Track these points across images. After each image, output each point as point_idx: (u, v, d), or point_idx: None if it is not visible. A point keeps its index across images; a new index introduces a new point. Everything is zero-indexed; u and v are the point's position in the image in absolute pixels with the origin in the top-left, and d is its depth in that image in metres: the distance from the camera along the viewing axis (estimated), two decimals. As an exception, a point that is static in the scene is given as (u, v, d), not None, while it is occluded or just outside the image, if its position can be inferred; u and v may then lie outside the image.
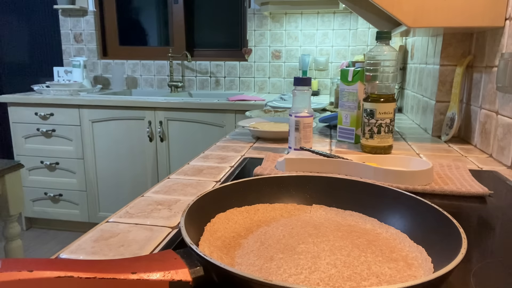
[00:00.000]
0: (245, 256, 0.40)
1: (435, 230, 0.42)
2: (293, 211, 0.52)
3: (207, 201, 0.46)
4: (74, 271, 0.29)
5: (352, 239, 0.44)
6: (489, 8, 0.88)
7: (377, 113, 0.86)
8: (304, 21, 2.47)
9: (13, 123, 2.27)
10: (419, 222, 0.44)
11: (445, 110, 1.12)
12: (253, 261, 0.39)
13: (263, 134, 1.05)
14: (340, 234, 0.45)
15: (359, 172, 0.69)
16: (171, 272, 0.32)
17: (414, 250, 0.41)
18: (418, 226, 0.44)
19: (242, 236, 0.45)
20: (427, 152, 0.93)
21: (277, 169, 0.73)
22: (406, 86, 1.60)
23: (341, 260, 0.39)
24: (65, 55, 2.78)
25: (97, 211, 2.30)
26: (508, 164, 0.81)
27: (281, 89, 2.58)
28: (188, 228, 0.37)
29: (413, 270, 0.38)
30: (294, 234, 0.45)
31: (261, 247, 0.42)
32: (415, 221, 0.45)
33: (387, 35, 0.86)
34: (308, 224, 0.48)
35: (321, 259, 0.39)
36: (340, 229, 0.47)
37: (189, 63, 2.65)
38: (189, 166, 0.80)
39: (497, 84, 0.86)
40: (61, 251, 0.44)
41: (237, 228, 0.47)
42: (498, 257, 0.43)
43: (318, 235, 0.45)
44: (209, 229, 0.44)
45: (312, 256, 0.39)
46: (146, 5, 2.76)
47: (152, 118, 2.11)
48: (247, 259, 0.39)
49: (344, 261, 0.39)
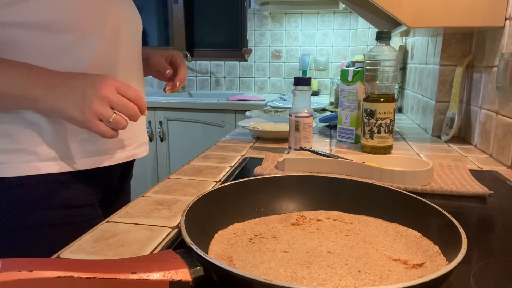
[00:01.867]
0: (246, 256, 0.40)
1: (435, 230, 0.42)
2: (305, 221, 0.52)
3: (207, 201, 0.46)
4: (74, 271, 0.29)
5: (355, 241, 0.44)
6: (489, 8, 0.88)
7: (377, 113, 0.86)
8: (304, 21, 2.47)
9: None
10: (419, 222, 0.44)
11: (445, 110, 1.12)
12: (253, 261, 0.39)
13: (263, 134, 1.05)
14: (347, 238, 0.45)
15: (359, 172, 0.69)
16: (171, 272, 0.32)
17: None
18: (418, 226, 0.44)
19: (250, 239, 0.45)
20: (427, 152, 0.93)
21: (277, 169, 0.73)
22: (406, 86, 1.60)
23: (353, 262, 0.39)
24: (65, 55, 2.78)
25: (97, 211, 2.29)
26: (508, 164, 0.81)
27: (281, 89, 2.58)
28: (188, 228, 0.37)
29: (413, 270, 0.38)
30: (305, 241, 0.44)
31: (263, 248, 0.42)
32: (415, 221, 0.45)
33: (387, 35, 0.86)
34: (318, 231, 0.48)
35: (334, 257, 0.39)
36: (345, 232, 0.47)
37: (189, 63, 2.65)
38: (189, 166, 0.80)
39: (497, 84, 0.86)
40: (61, 251, 0.44)
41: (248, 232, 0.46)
42: (498, 257, 0.43)
43: (323, 239, 0.45)
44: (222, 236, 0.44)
45: (323, 259, 0.39)
46: (146, 5, 2.76)
47: (152, 118, 2.11)
48: (247, 259, 0.39)
49: (354, 263, 0.39)
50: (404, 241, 0.43)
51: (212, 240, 0.43)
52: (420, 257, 0.40)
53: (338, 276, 0.36)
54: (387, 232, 0.46)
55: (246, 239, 0.44)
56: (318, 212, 0.51)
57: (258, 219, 0.49)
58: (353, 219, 0.49)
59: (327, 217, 0.50)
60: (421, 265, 0.38)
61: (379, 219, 0.48)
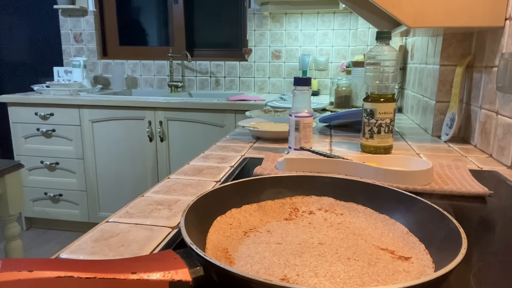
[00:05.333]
0: (246, 257, 0.40)
1: (435, 230, 0.42)
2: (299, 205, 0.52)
3: (207, 201, 0.46)
4: (74, 271, 0.29)
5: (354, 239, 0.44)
6: (489, 8, 0.88)
7: (377, 113, 0.86)
8: (304, 21, 2.47)
9: (13, 123, 2.27)
10: (419, 222, 0.44)
11: (445, 110, 1.12)
12: (248, 252, 0.39)
13: (263, 134, 1.05)
14: (342, 235, 0.45)
15: (359, 172, 0.69)
16: (171, 272, 0.32)
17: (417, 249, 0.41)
18: (418, 226, 0.44)
19: (246, 234, 0.45)
20: (427, 152, 0.93)
21: (277, 169, 0.73)
22: (406, 86, 1.60)
23: (343, 251, 0.39)
24: (65, 55, 2.78)
25: (97, 211, 2.30)
26: (508, 164, 0.81)
27: (281, 89, 2.58)
28: (188, 228, 0.37)
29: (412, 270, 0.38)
30: (299, 234, 0.45)
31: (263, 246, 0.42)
32: (415, 221, 0.45)
33: (387, 35, 0.86)
34: (310, 225, 0.48)
35: (326, 258, 0.39)
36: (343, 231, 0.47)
37: (189, 63, 2.65)
38: (189, 166, 0.80)
39: (497, 84, 0.86)
40: (61, 251, 0.44)
41: (247, 224, 0.47)
42: (498, 257, 0.43)
43: (318, 235, 0.45)
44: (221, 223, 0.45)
45: (318, 254, 0.40)
46: (146, 5, 2.76)
47: (152, 118, 2.11)
48: (243, 250, 0.39)
49: (349, 261, 0.39)
50: (392, 236, 0.45)
51: (211, 227, 0.45)
52: (407, 252, 0.41)
53: (328, 263, 0.38)
54: (376, 225, 0.48)
55: (241, 232, 0.46)
56: (310, 201, 0.53)
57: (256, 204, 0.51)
58: (343, 208, 0.51)
59: (318, 208, 0.52)
60: (407, 259, 0.40)
61: (369, 209, 0.50)
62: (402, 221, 0.46)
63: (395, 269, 0.38)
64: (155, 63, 2.70)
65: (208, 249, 0.40)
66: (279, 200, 0.53)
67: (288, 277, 0.35)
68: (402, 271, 0.37)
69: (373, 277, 0.36)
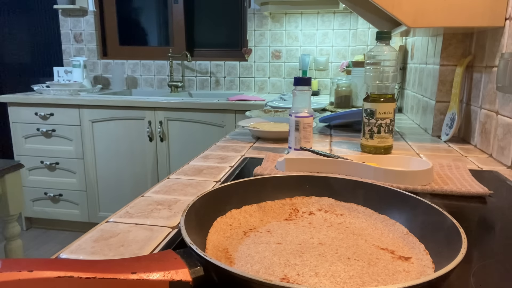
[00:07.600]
0: (246, 256, 0.40)
1: (435, 230, 0.42)
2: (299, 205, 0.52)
3: (207, 201, 0.46)
4: (74, 271, 0.29)
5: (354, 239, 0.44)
6: (489, 8, 0.88)
7: (377, 113, 0.86)
8: (304, 21, 2.47)
9: (13, 123, 2.27)
10: (419, 222, 0.44)
11: (445, 110, 1.12)
12: (248, 252, 0.39)
13: (263, 134, 1.05)
14: (342, 236, 0.45)
15: (359, 172, 0.68)
16: (171, 272, 0.32)
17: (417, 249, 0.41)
18: (418, 226, 0.44)
19: (246, 235, 0.45)
20: (427, 152, 0.93)
21: (277, 169, 0.73)
22: (406, 86, 1.60)
23: (343, 251, 0.39)
24: (65, 55, 2.78)
25: (97, 211, 2.29)
26: (508, 164, 0.81)
27: (281, 89, 2.58)
28: (188, 228, 0.37)
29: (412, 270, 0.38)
30: (299, 235, 0.45)
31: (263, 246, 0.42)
32: (415, 221, 0.45)
33: (387, 35, 0.86)
34: (310, 225, 0.48)
35: (326, 258, 0.39)
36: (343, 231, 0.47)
37: (189, 63, 2.65)
38: (189, 166, 0.80)
39: (497, 84, 0.86)
40: (61, 251, 0.44)
41: (247, 225, 0.47)
42: (498, 257, 0.43)
43: (318, 235, 0.45)
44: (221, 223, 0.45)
45: (318, 254, 0.40)
46: (146, 5, 2.76)
47: (152, 118, 2.11)
48: (243, 250, 0.39)
49: (348, 261, 0.39)
50: (392, 236, 0.45)
51: (211, 227, 0.45)
52: (407, 252, 0.41)
53: (328, 262, 0.38)
54: (376, 226, 0.48)
55: (241, 232, 0.45)
56: (311, 202, 0.53)
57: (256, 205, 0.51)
58: (343, 209, 0.51)
59: (318, 209, 0.52)
60: (407, 259, 0.39)
61: (369, 209, 0.50)
62: (402, 221, 0.46)
63: (395, 269, 0.38)
64: (155, 63, 2.70)
65: (208, 249, 0.40)
66: (279, 201, 0.52)
67: (289, 277, 0.35)
68: (402, 271, 0.37)
69: (373, 277, 0.36)
